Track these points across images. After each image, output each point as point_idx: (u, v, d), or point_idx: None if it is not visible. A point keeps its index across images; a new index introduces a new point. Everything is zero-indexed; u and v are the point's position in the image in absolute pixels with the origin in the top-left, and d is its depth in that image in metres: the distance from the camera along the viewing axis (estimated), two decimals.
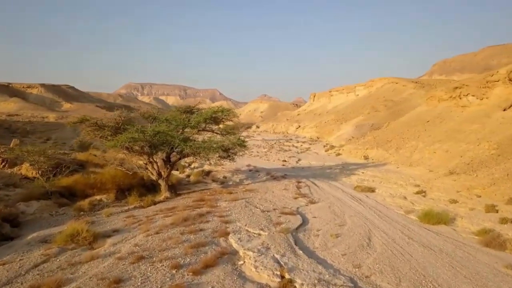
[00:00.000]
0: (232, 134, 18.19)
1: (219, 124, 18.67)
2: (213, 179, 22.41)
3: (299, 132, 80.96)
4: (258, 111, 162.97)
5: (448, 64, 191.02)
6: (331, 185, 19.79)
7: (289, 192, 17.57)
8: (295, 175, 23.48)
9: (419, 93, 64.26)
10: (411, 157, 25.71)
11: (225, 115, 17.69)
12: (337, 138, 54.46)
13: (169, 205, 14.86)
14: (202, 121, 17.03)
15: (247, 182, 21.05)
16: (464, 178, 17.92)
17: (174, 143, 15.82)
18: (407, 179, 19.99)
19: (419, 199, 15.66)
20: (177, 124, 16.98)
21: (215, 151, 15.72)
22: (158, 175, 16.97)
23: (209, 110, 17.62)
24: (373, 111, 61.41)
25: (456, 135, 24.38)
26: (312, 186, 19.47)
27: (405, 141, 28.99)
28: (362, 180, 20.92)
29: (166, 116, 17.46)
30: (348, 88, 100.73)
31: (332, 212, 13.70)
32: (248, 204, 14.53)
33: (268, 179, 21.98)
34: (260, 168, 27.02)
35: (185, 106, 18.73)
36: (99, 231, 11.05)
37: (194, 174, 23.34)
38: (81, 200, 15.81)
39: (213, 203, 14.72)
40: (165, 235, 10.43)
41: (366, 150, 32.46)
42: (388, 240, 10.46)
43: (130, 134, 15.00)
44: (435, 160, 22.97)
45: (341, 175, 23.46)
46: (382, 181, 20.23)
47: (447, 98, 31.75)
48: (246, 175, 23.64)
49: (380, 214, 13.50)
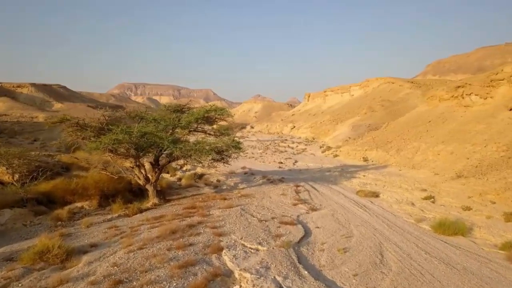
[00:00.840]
0: (226, 135, 16.86)
1: (212, 124, 17.33)
2: (206, 182, 21.08)
3: (294, 132, 79.84)
4: (252, 112, 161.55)
5: (442, 65, 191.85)
6: (332, 190, 18.57)
7: (288, 197, 16.31)
8: (292, 178, 22.25)
9: (416, 93, 63.50)
10: (413, 159, 24.59)
11: (218, 114, 16.33)
12: (333, 139, 53.38)
13: (156, 214, 13.51)
14: (194, 121, 15.66)
15: (242, 186, 19.75)
16: (473, 182, 16.80)
17: (163, 145, 14.47)
18: (412, 183, 18.83)
19: (429, 206, 14.48)
20: (166, 124, 15.61)
21: (207, 153, 14.40)
22: (146, 179, 15.61)
23: (201, 109, 16.23)
24: (369, 111, 60.44)
25: (460, 136, 23.31)
26: (312, 190, 18.23)
27: (406, 142, 27.88)
28: (364, 184, 19.73)
29: (154, 115, 16.05)
30: (343, 88, 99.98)
31: (336, 221, 12.46)
32: (243, 212, 13.24)
33: (264, 182, 20.70)
34: (255, 171, 25.74)
35: (175, 104, 17.32)
36: (74, 246, 9.69)
37: (186, 177, 21.97)
38: (60, 208, 14.40)
39: (205, 211, 13.41)
40: (149, 252, 9.11)
41: (365, 151, 31.32)
42: (403, 256, 9.24)
43: (114, 136, 13.63)
44: (440, 162, 21.86)
45: (341, 178, 22.26)
46: (385, 185, 19.06)
47: (449, 97, 30.73)
48: (241, 179, 22.35)
49: (389, 224, 12.29)
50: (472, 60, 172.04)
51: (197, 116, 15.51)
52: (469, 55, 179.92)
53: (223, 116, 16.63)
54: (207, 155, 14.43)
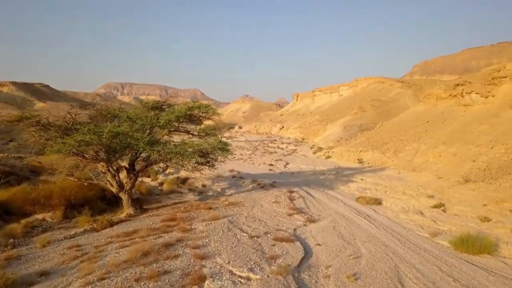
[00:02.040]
0: (212, 135, 14.95)
1: (197, 123, 15.39)
2: (190, 188, 19.15)
3: (283, 132, 78.37)
4: (240, 112, 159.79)
5: (428, 65, 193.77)
6: (328, 196, 16.87)
7: (281, 205, 14.52)
8: (285, 183, 20.49)
9: (407, 92, 62.65)
10: (412, 161, 23.11)
11: (203, 112, 14.42)
12: (324, 139, 51.94)
13: (129, 228, 11.56)
14: (175, 120, 13.71)
15: (230, 192, 17.89)
16: (485, 187, 15.31)
17: (138, 147, 12.50)
18: (416, 188, 17.26)
19: (440, 216, 12.87)
20: (143, 123, 13.62)
21: (190, 157, 12.50)
22: (119, 187, 13.62)
23: (183, 106, 14.25)
24: (360, 111, 59.25)
25: (463, 137, 21.92)
26: (307, 197, 16.50)
27: (404, 143, 26.43)
28: (363, 189, 18.10)
29: (129, 113, 14.02)
30: (332, 88, 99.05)
31: (340, 236, 10.73)
32: (231, 225, 11.39)
33: (254, 188, 18.89)
34: (244, 174, 23.91)
35: (154, 101, 15.26)
36: (19, 276, 7.71)
37: (168, 182, 19.99)
38: (18, 221, 12.32)
39: (186, 224, 11.52)
40: (112, 284, 7.20)
41: (360, 152, 29.78)
42: (428, 285, 7.53)
43: (79, 137, 11.62)
44: (443, 165, 20.40)
45: (337, 182, 20.60)
46: (387, 190, 17.45)
47: (447, 96, 29.43)
48: (228, 183, 20.47)
49: (400, 239, 10.61)
50: (458, 61, 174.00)
51: (178, 114, 13.53)
52: (456, 56, 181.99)
53: (208, 114, 14.70)
54: (189, 159, 12.52)
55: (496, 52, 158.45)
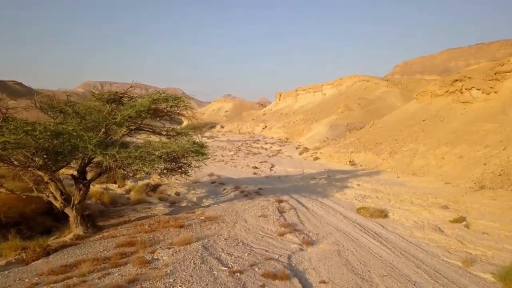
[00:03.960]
0: (184, 135, 12.17)
1: (165, 119, 12.52)
2: (161, 196, 16.30)
3: (266, 132, 76.05)
4: (222, 111, 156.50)
5: (409, 66, 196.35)
6: (324, 206, 14.37)
7: (270, 221, 11.90)
8: (272, 189, 17.91)
9: (393, 91, 61.33)
10: (411, 164, 20.93)
11: (171, 106, 11.61)
12: (310, 139, 49.75)
13: (70, 258, 8.68)
14: (136, 115, 10.87)
15: (208, 202, 15.16)
16: (506, 195, 13.13)
17: (86, 151, 9.62)
18: (423, 196, 14.94)
19: (465, 234, 10.51)
20: (96, 120, 10.73)
21: (153, 162, 9.73)
22: (65, 200, 10.69)
23: (146, 99, 11.37)
24: (346, 110, 57.41)
25: (467, 137, 19.87)
26: (300, 208, 13.94)
27: (400, 144, 24.27)
28: (362, 197, 15.69)
29: (77, 107, 11.03)
30: (315, 87, 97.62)
31: (348, 267, 8.18)
32: (206, 253, 8.67)
33: (237, 196, 16.23)
34: (225, 179, 21.20)
35: (110, 91, 12.15)
36: None
37: (136, 190, 17.05)
38: None
39: (147, 252, 8.73)
40: None
41: (351, 154, 27.50)
42: None
43: (2, 138, 8.66)
44: (448, 168, 18.24)
45: (331, 188, 18.14)
46: (390, 198, 15.09)
47: (443, 93, 27.52)
48: (207, 190, 17.73)
49: (427, 270, 8.13)
50: (438, 61, 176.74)
51: (140, 108, 10.65)
52: (435, 57, 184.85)
53: (179, 108, 11.87)
54: (152, 165, 9.73)
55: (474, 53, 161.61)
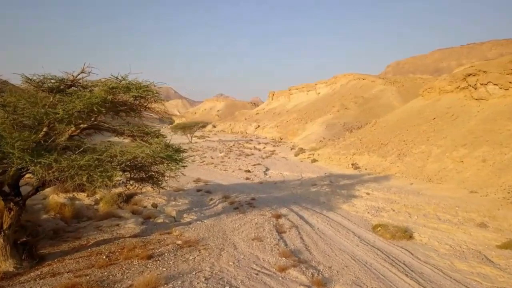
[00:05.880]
0: (155, 136, 9.39)
1: (132, 116, 9.64)
2: (135, 209, 13.55)
3: (258, 132, 73.48)
4: (214, 110, 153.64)
5: (401, 66, 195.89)
6: (331, 222, 11.76)
7: (267, 246, 9.22)
8: (267, 199, 15.27)
9: (390, 89, 59.18)
10: (425, 168, 18.46)
11: (135, 97, 8.75)
12: (305, 139, 47.27)
13: None
14: (87, 110, 8.02)
15: (190, 217, 12.44)
16: None
17: (12, 158, 6.86)
18: (450, 209, 12.40)
19: None
20: (35, 115, 7.92)
21: (107, 174, 7.02)
22: None
23: (101, 89, 8.41)
24: (342, 109, 55.03)
25: (489, 138, 17.46)
26: (302, 225, 11.30)
27: (409, 145, 21.81)
28: (375, 209, 13.12)
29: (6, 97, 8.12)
30: (309, 86, 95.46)
31: None
32: None
33: (225, 209, 13.53)
34: (213, 186, 18.47)
35: (55, 78, 9.02)
36: None
37: (105, 200, 14.28)
38: None
39: None
40: None
41: (353, 156, 24.98)
42: None
43: None
44: (470, 174, 15.79)
45: (336, 198, 15.54)
46: (409, 211, 12.53)
47: (453, 89, 25.17)
48: (190, 201, 14.98)
49: None
50: (429, 61, 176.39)
51: (91, 99, 7.83)
52: (427, 57, 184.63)
53: (145, 99, 9.04)
54: (104, 178, 6.98)
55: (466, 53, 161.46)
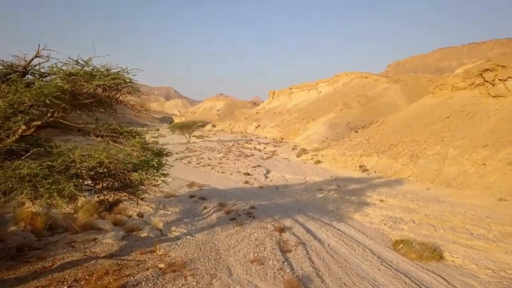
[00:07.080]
0: (131, 137, 7.63)
1: (100, 111, 7.83)
2: (117, 220, 11.84)
3: (259, 131, 71.76)
4: (214, 109, 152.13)
5: (401, 65, 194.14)
6: (343, 237, 10.03)
7: (268, 272, 7.48)
8: (268, 207, 13.55)
9: (394, 87, 57.44)
10: (442, 171, 16.74)
11: (104, 88, 6.90)
12: (306, 139, 45.51)
13: None
14: (39, 103, 6.19)
15: (179, 230, 10.69)
16: None
17: None
18: (480, 220, 10.68)
19: None
20: None
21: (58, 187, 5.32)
22: None
23: (59, 76, 6.60)
24: (345, 108, 53.30)
25: None
26: (310, 242, 9.55)
27: (422, 146, 20.07)
28: (393, 220, 11.41)
29: None
30: (309, 85, 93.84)
31: None
32: None
33: (220, 219, 11.80)
34: (209, 191, 16.76)
35: (2, 63, 7.23)
36: None
37: (84, 209, 12.60)
38: None
39: None
40: None
41: (361, 157, 23.26)
42: None
43: None
44: (495, 178, 14.09)
45: (346, 205, 13.80)
46: (433, 223, 10.82)
47: (467, 85, 23.46)
48: (181, 210, 13.26)
49: None
50: (430, 61, 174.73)
51: (42, 90, 6.05)
52: (427, 56, 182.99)
53: (120, 90, 7.24)
54: (53, 192, 5.29)
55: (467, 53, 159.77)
